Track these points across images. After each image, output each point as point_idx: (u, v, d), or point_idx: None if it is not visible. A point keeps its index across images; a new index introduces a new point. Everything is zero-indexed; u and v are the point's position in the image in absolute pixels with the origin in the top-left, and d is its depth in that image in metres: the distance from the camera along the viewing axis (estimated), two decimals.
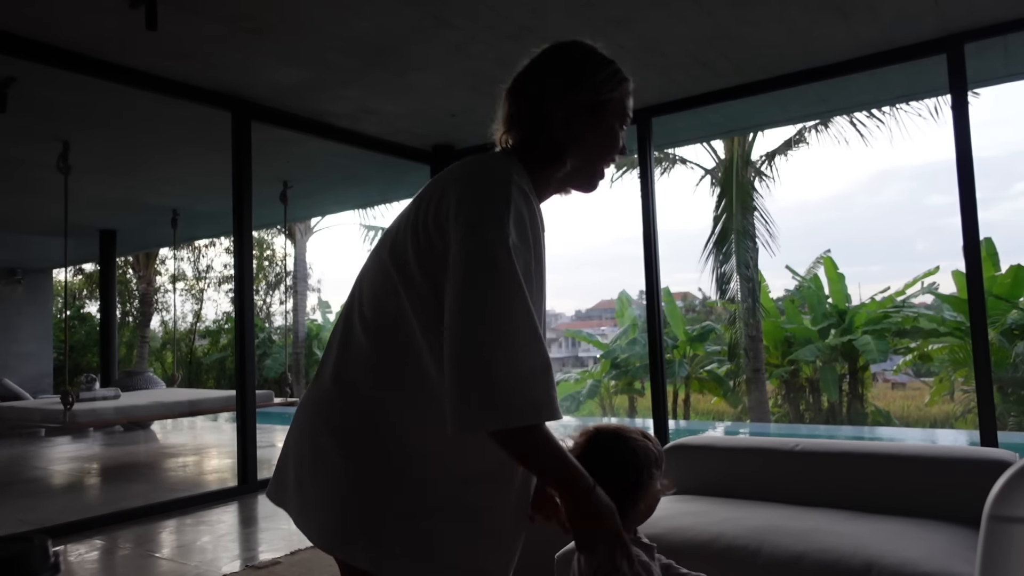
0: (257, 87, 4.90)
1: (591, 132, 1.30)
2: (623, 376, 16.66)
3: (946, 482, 2.25)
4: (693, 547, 2.01)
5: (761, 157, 13.41)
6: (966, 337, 11.76)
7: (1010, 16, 4.11)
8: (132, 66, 4.45)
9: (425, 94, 5.19)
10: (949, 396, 14.34)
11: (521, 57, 1.39)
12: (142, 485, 5.79)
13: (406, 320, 1.18)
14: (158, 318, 20.20)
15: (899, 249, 69.78)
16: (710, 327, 16.03)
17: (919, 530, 2.00)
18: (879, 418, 14.03)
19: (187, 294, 20.68)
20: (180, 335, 19.66)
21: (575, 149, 1.28)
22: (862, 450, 2.48)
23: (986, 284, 9.55)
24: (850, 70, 4.72)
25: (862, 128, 11.84)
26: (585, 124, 1.29)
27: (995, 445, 4.00)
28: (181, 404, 7.26)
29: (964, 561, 1.76)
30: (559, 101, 1.27)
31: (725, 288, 12.92)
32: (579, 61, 1.31)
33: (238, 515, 4.50)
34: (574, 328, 29.28)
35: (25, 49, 4.02)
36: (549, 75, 1.31)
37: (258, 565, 3.37)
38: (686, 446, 2.74)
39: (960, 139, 4.28)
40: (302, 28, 4.05)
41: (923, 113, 10.66)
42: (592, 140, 1.30)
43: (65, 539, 3.94)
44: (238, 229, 5.12)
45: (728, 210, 12.86)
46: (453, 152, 6.58)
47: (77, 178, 6.08)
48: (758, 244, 12.91)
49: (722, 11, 3.98)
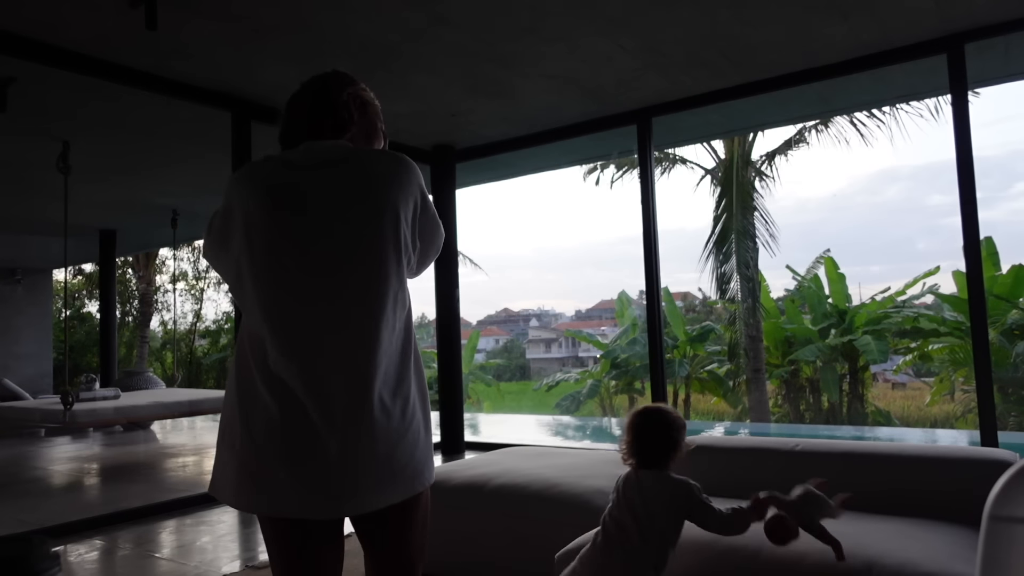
0: (257, 87, 4.90)
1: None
2: (623, 376, 16.66)
3: (946, 482, 2.25)
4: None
5: (761, 157, 13.42)
6: (966, 337, 11.76)
7: (1010, 16, 4.11)
8: (132, 66, 4.45)
9: (425, 94, 5.19)
10: (949, 396, 14.34)
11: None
12: (142, 485, 5.78)
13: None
14: (158, 318, 20.21)
15: (899, 249, 69.69)
16: (710, 327, 16.03)
17: (919, 530, 2.00)
18: (879, 418, 14.03)
19: (187, 294, 20.69)
20: (180, 335, 19.67)
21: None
22: (862, 450, 2.48)
23: (986, 284, 9.55)
24: (850, 70, 4.72)
25: (862, 128, 11.85)
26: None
27: (995, 445, 4.00)
28: (181, 404, 7.25)
29: (964, 561, 1.76)
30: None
31: (725, 288, 12.93)
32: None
33: (238, 515, 4.49)
34: (574, 328, 29.28)
35: (25, 49, 4.02)
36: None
37: (258, 565, 3.37)
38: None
39: (960, 139, 4.28)
40: (302, 28, 4.05)
41: (923, 113, 10.67)
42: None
43: (65, 539, 3.94)
44: None
45: (728, 210, 12.87)
46: (453, 152, 6.59)
47: (77, 178, 6.08)
48: (758, 244, 12.92)
49: (722, 11, 3.98)
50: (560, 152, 6.86)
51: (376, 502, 1.42)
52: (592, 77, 4.94)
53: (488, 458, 3.37)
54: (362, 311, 1.43)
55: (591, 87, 5.14)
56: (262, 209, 1.46)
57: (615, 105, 5.51)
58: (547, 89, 5.16)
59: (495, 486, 2.84)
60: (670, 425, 1.92)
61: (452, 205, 6.76)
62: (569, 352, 39.58)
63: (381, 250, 1.46)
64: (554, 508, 2.64)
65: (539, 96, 5.30)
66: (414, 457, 1.47)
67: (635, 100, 5.40)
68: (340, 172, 1.49)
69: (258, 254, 1.45)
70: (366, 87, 1.67)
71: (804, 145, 12.89)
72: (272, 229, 1.45)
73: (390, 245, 1.47)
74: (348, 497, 1.39)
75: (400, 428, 1.44)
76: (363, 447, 1.39)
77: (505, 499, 2.77)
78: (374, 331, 1.42)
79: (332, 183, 1.48)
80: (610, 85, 5.10)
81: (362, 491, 1.40)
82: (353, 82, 1.64)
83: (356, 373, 1.40)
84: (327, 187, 1.47)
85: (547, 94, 5.26)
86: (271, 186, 1.48)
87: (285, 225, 1.44)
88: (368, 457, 1.39)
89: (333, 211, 1.46)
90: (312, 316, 1.42)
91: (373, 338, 1.42)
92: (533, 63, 4.64)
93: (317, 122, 1.56)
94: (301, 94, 1.64)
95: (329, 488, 1.37)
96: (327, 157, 1.51)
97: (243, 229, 1.47)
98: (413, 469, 1.47)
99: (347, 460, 1.38)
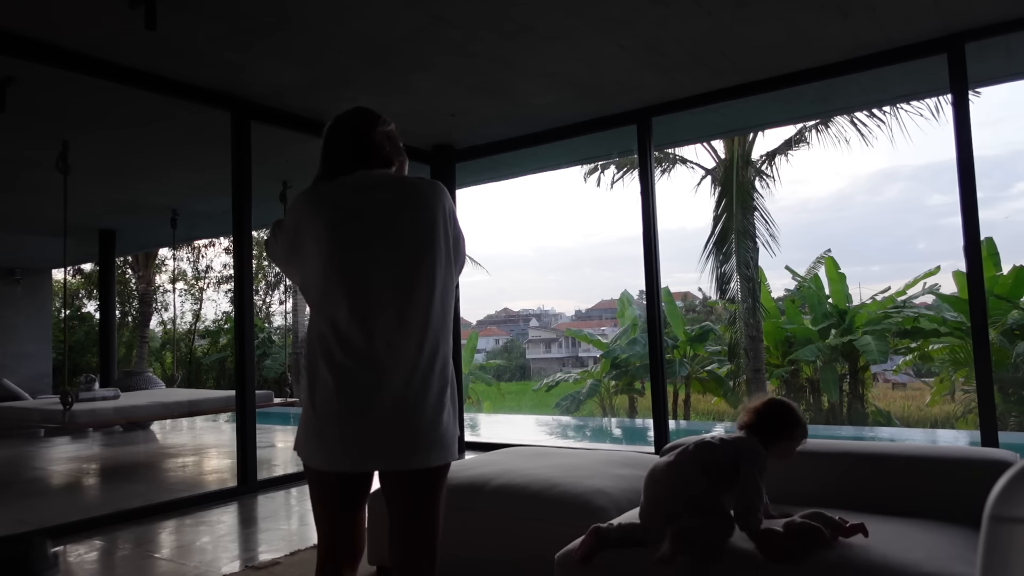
0: (257, 87, 4.89)
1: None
2: (623, 376, 16.66)
3: (947, 482, 2.25)
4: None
5: (761, 157, 13.42)
6: (967, 337, 11.76)
7: (1011, 15, 4.11)
8: (132, 66, 4.44)
9: (425, 94, 5.19)
10: (950, 396, 14.34)
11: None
12: (142, 485, 5.78)
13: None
14: (157, 318, 20.22)
15: (899, 249, 69.74)
16: (710, 327, 16.03)
17: (919, 530, 2.00)
18: (879, 418, 14.02)
19: (187, 294, 20.69)
20: (180, 335, 19.67)
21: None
22: (862, 450, 2.47)
23: (987, 284, 9.55)
24: (850, 70, 4.71)
25: (862, 128, 11.85)
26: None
27: (996, 445, 4.00)
28: (181, 404, 7.25)
29: (965, 562, 1.76)
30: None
31: (725, 288, 12.93)
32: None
33: (238, 515, 4.49)
34: (574, 328, 29.28)
35: (25, 49, 4.02)
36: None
37: (258, 565, 3.37)
38: None
39: (961, 139, 4.28)
40: (302, 28, 4.04)
41: (924, 113, 10.67)
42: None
43: (65, 539, 3.93)
44: (238, 229, 5.12)
45: (728, 210, 12.87)
46: (453, 152, 6.58)
47: (77, 178, 6.07)
48: (758, 244, 12.91)
49: (722, 11, 3.98)
50: (560, 152, 6.86)
51: (409, 461, 1.71)
52: (592, 77, 4.94)
53: (488, 458, 3.37)
54: (424, 304, 1.74)
55: (591, 87, 5.13)
56: (333, 224, 1.75)
57: (615, 105, 5.51)
58: (547, 89, 5.16)
59: (495, 486, 2.84)
60: (796, 420, 2.11)
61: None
62: (569, 352, 39.59)
63: (437, 252, 1.78)
64: (554, 508, 2.64)
65: (539, 96, 5.30)
66: (449, 430, 1.78)
67: (635, 100, 5.40)
68: (395, 193, 1.81)
69: (334, 260, 1.73)
70: (387, 119, 1.98)
71: (804, 145, 12.90)
72: (343, 239, 1.74)
73: (442, 247, 1.79)
74: (383, 453, 1.71)
75: (438, 404, 1.75)
76: (400, 416, 1.69)
77: (505, 499, 2.77)
78: (428, 318, 1.75)
79: (388, 202, 1.79)
80: (610, 85, 5.10)
81: (396, 450, 1.71)
82: (379, 121, 1.93)
83: (400, 357, 1.71)
84: (385, 205, 1.78)
85: (547, 94, 5.26)
86: (339, 206, 1.77)
87: (355, 236, 1.75)
88: (403, 424, 1.70)
89: (393, 223, 1.76)
90: (370, 311, 1.71)
91: (425, 324, 1.74)
92: (533, 63, 4.64)
93: (363, 158, 1.86)
94: (339, 133, 1.91)
95: (372, 446, 1.70)
96: (380, 183, 1.83)
97: (315, 242, 1.76)
98: (449, 439, 1.78)
99: (384, 424, 1.69)
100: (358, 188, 1.80)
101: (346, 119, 1.91)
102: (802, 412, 2.17)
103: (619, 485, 2.78)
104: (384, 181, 1.84)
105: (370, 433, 1.67)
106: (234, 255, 5.28)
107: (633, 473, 2.95)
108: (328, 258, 1.73)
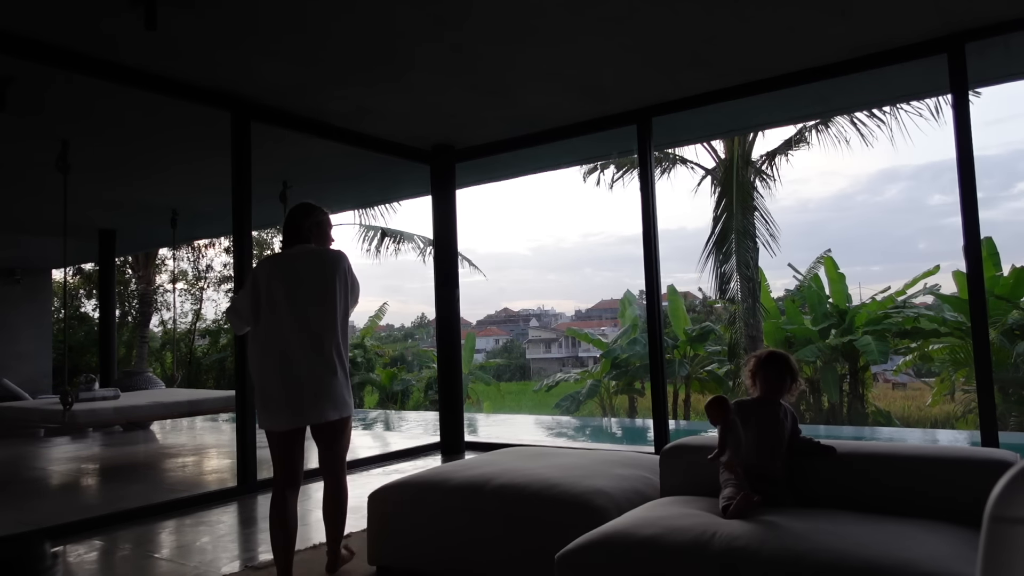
0: (257, 87, 4.89)
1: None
2: (623, 376, 16.65)
3: (947, 482, 2.25)
4: (693, 547, 2.01)
5: (761, 157, 13.40)
6: (967, 337, 11.76)
7: (1011, 15, 4.11)
8: (132, 66, 4.44)
9: (425, 94, 5.19)
10: (950, 396, 14.33)
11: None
12: (141, 485, 5.78)
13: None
14: (157, 318, 20.20)
15: (900, 249, 69.75)
16: (710, 327, 16.02)
17: (919, 530, 2.00)
18: (880, 418, 14.01)
19: (186, 294, 20.67)
20: (180, 335, 19.67)
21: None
22: (863, 450, 2.47)
23: (987, 284, 9.54)
24: (850, 70, 4.71)
25: (863, 128, 11.84)
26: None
27: (996, 445, 3.99)
28: (181, 404, 7.25)
29: (965, 562, 1.75)
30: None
31: (725, 288, 12.92)
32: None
33: (238, 515, 4.49)
34: (574, 328, 29.27)
35: (25, 49, 4.02)
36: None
37: (257, 565, 3.37)
38: (686, 446, 2.74)
39: (961, 139, 4.28)
40: (302, 28, 4.04)
41: (924, 113, 10.65)
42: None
43: (65, 539, 3.93)
44: (238, 229, 5.12)
45: (728, 210, 12.86)
46: (453, 152, 6.58)
47: (76, 178, 6.08)
48: (758, 244, 12.90)
49: (722, 10, 3.98)
50: (560, 152, 6.86)
51: (325, 417, 3.01)
52: (592, 77, 4.94)
53: (488, 458, 3.37)
54: (331, 326, 3.03)
55: (591, 87, 5.13)
56: (274, 279, 3.01)
57: (615, 105, 5.51)
58: (547, 89, 5.15)
59: (495, 486, 2.84)
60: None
61: (452, 205, 6.75)
62: (569, 352, 39.59)
63: (335, 294, 3.04)
64: (554, 508, 2.64)
65: (539, 96, 5.30)
66: (342, 397, 3.03)
67: (635, 100, 5.40)
68: (314, 259, 3.08)
69: (271, 302, 2.99)
70: (324, 211, 3.22)
71: (804, 145, 12.88)
72: (280, 289, 2.99)
73: (339, 289, 3.06)
74: (310, 415, 2.99)
75: (335, 382, 3.01)
76: (318, 391, 2.97)
77: (505, 499, 2.77)
78: (329, 335, 3.02)
79: (310, 264, 3.06)
80: (610, 85, 5.10)
81: (317, 412, 2.99)
82: (313, 212, 3.17)
83: (317, 356, 2.98)
84: (309, 267, 3.05)
85: (547, 94, 5.26)
86: (281, 267, 3.04)
87: (287, 287, 3.00)
88: (320, 395, 2.98)
89: (312, 278, 3.04)
90: (298, 328, 2.98)
91: (328, 339, 3.01)
92: (533, 63, 4.64)
93: (296, 236, 3.13)
94: (289, 219, 3.15)
95: (302, 411, 2.98)
96: (306, 252, 3.10)
97: (265, 291, 3.01)
98: (342, 403, 3.03)
99: (310, 397, 2.97)
100: (292, 256, 3.09)
101: (292, 212, 3.17)
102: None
103: (619, 485, 2.78)
104: (307, 252, 3.10)
105: (300, 401, 2.97)
106: (234, 255, 5.27)
107: (633, 473, 2.95)
108: (276, 293, 3.01)
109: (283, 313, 2.94)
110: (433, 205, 6.81)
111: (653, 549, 2.07)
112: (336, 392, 2.97)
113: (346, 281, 3.08)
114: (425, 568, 2.96)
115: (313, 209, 3.15)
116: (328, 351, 2.96)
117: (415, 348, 24.35)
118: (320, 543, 3.66)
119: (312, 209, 3.14)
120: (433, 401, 18.01)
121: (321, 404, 2.94)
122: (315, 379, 2.93)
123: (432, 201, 6.81)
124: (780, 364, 2.49)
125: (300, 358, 2.92)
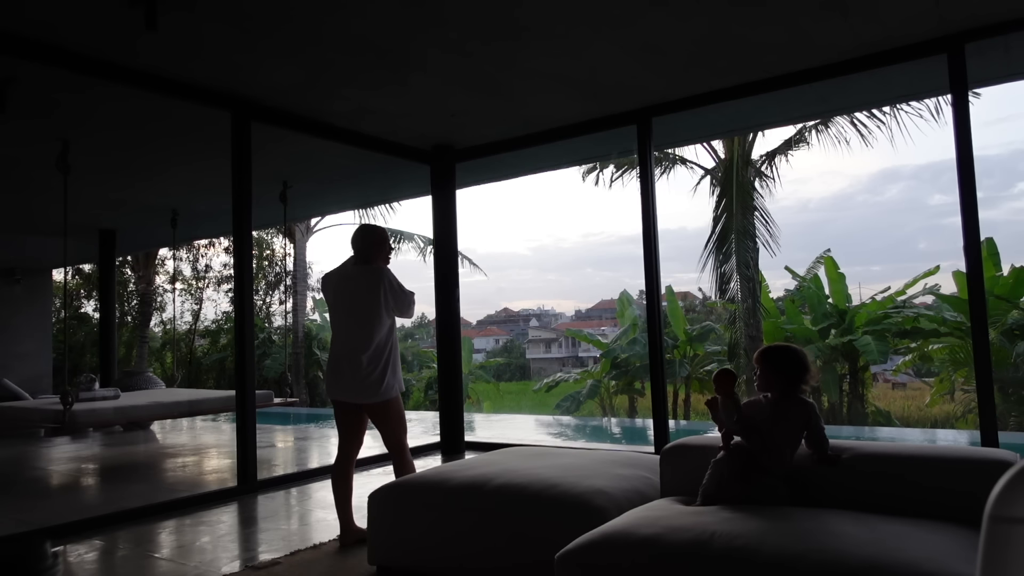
0: (257, 87, 4.89)
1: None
2: (623, 376, 16.66)
3: (946, 482, 2.25)
4: (693, 547, 2.01)
5: (761, 157, 13.41)
6: (966, 337, 11.76)
7: (1011, 16, 4.11)
8: (132, 66, 4.44)
9: (425, 94, 5.19)
10: (949, 396, 14.33)
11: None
12: (141, 485, 5.78)
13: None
14: (157, 318, 20.20)
15: (900, 249, 69.75)
16: (710, 327, 16.03)
17: (919, 530, 2.00)
18: (879, 418, 14.02)
19: (186, 294, 20.68)
20: (180, 335, 19.67)
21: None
22: (862, 450, 2.47)
23: (987, 284, 9.55)
24: (850, 70, 4.71)
25: (862, 128, 11.84)
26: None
27: (996, 445, 4.00)
28: (181, 404, 7.25)
29: (965, 562, 1.75)
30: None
31: (725, 288, 12.92)
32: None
33: (238, 515, 4.49)
34: (574, 328, 29.27)
35: (25, 49, 4.02)
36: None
37: (258, 565, 3.37)
38: (686, 446, 2.74)
39: (961, 139, 4.28)
40: (302, 28, 4.04)
41: (924, 113, 10.65)
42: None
43: (65, 539, 3.93)
44: (238, 229, 5.12)
45: (728, 210, 12.86)
46: (453, 152, 6.58)
47: (77, 178, 6.07)
48: (758, 244, 12.90)
49: (722, 11, 3.98)
50: (560, 152, 6.86)
51: (355, 398, 3.70)
52: (592, 77, 4.94)
53: (488, 458, 3.37)
54: (369, 328, 3.66)
55: (591, 87, 5.14)
56: (334, 289, 3.80)
57: (615, 105, 5.51)
58: (547, 89, 5.16)
59: (495, 486, 2.84)
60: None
61: (452, 205, 6.76)
62: (569, 352, 39.59)
63: (379, 305, 3.67)
64: (554, 508, 2.64)
65: (539, 96, 5.30)
66: (370, 386, 3.63)
67: (635, 100, 5.40)
68: (364, 275, 3.73)
69: (333, 307, 3.81)
70: (383, 231, 3.89)
71: (804, 145, 12.88)
72: (338, 297, 3.77)
73: (383, 302, 3.68)
74: (347, 394, 3.70)
75: (361, 371, 3.62)
76: (353, 375, 3.64)
77: (505, 499, 2.77)
78: (372, 335, 3.66)
79: (361, 279, 3.73)
80: (610, 85, 5.10)
81: (351, 393, 3.69)
82: (375, 233, 3.84)
83: (360, 350, 3.64)
84: (360, 281, 3.72)
85: (547, 94, 5.26)
86: (338, 281, 3.80)
87: (343, 296, 3.76)
88: (354, 379, 3.65)
89: (361, 290, 3.70)
90: (350, 328, 3.71)
91: (370, 337, 3.66)
92: (533, 63, 4.64)
93: (358, 254, 3.80)
94: (355, 236, 3.81)
95: (338, 389, 3.72)
96: (360, 270, 3.76)
97: (330, 299, 3.82)
98: (369, 391, 3.64)
99: (345, 380, 3.68)
100: (349, 272, 3.79)
101: (358, 232, 3.82)
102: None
103: (619, 485, 2.78)
104: (361, 269, 3.76)
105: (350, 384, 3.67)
106: (234, 255, 5.28)
107: (633, 473, 2.95)
108: (328, 300, 3.85)
109: (337, 315, 3.80)
110: (433, 205, 6.81)
111: (653, 549, 2.07)
112: (362, 379, 3.61)
113: (386, 291, 3.71)
114: (425, 568, 2.96)
115: (368, 231, 3.84)
116: (358, 346, 3.65)
117: (415, 348, 24.37)
118: (320, 543, 3.66)
119: (367, 231, 3.83)
120: (433, 401, 18.02)
121: (352, 387, 3.65)
122: (349, 366, 3.65)
123: (432, 201, 6.81)
124: (771, 360, 2.50)
125: (339, 350, 3.72)
